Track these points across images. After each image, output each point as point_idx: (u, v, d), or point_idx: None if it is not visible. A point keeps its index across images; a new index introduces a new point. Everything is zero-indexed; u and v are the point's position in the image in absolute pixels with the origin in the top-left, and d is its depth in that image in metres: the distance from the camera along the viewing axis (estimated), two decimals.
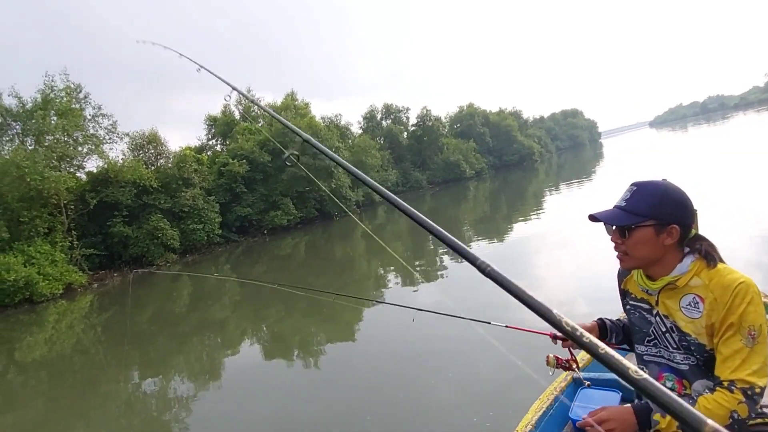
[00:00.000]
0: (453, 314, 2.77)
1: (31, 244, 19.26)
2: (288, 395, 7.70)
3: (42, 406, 9.56)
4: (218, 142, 36.51)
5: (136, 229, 23.67)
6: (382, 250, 22.27)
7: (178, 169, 25.11)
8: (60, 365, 12.45)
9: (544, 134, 79.12)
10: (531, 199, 29.93)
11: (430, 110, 52.02)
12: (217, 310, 15.80)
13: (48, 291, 18.28)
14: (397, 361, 8.13)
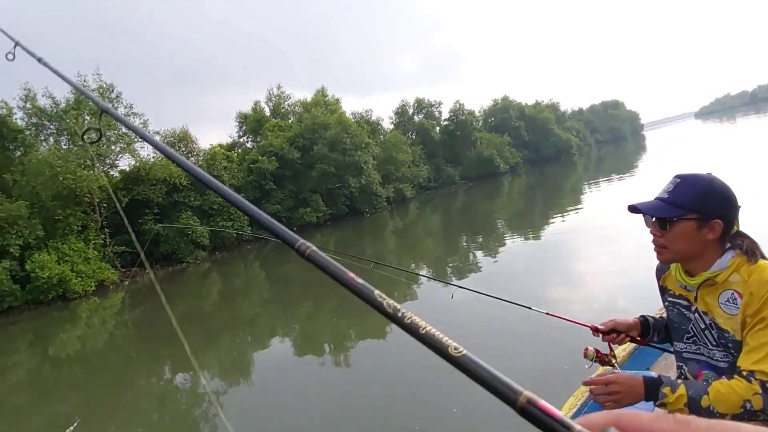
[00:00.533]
0: (496, 296, 2.70)
1: (66, 242, 19.77)
2: (318, 393, 7.70)
3: (76, 400, 9.87)
4: (249, 140, 36.81)
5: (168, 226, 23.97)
6: (413, 246, 22.22)
7: (207, 166, 25.37)
8: (93, 360, 12.72)
9: (583, 127, 77.01)
10: (569, 194, 29.23)
11: (463, 104, 51.29)
12: (247, 307, 15.93)
13: (80, 288, 18.71)
14: (428, 360, 8.02)
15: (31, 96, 20.92)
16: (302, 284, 18.12)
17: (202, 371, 9.99)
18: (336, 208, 31.98)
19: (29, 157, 19.19)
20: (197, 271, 23.67)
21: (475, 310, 10.06)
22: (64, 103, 21.07)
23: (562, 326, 2.88)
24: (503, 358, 7.55)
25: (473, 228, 23.45)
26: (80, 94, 20.90)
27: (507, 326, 8.62)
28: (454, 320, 9.54)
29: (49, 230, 19.81)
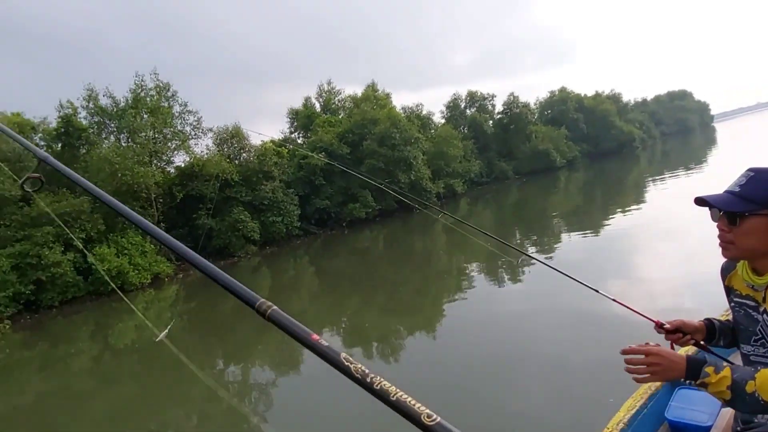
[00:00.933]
0: (562, 271, 2.64)
1: (124, 236, 20.71)
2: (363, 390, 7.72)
3: (133, 388, 10.44)
4: (300, 135, 37.38)
5: (219, 221, 24.69)
6: (463, 243, 21.85)
7: (258, 162, 25.94)
8: (149, 351, 13.11)
9: (647, 118, 73.40)
10: (630, 189, 28.37)
11: (517, 97, 49.93)
12: (296, 301, 16.10)
13: (137, 280, 19.58)
14: (480, 357, 8.01)
15: (94, 96, 22.10)
16: (351, 280, 18.41)
17: (253, 363, 10.59)
18: (385, 203, 31.88)
19: (90, 154, 20.27)
20: (248, 265, 24.23)
21: (544, 287, 10.79)
22: (124, 103, 22.10)
23: (625, 317, 2.89)
24: (562, 341, 7.74)
25: (527, 224, 23.04)
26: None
27: (571, 307, 9.04)
28: (525, 291, 10.58)
29: (110, 224, 20.81)
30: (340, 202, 30.19)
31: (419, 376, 7.93)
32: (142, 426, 8.28)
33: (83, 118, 22.76)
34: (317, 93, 38.73)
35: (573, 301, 9.51)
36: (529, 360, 7.56)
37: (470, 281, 14.26)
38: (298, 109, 37.37)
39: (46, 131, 22.96)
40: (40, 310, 18.20)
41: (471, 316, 10.76)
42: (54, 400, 10.46)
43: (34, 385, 11.94)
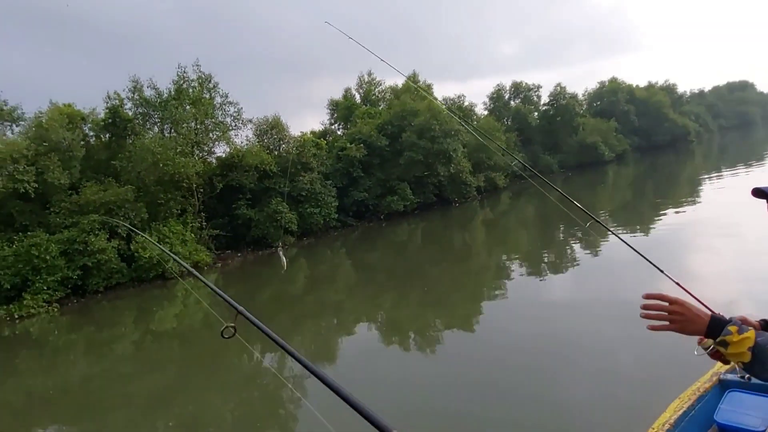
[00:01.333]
0: (639, 251, 2.59)
1: (166, 224, 21.37)
2: (399, 381, 7.85)
3: (174, 372, 10.97)
4: (339, 127, 37.59)
5: (258, 212, 25.05)
6: (503, 238, 21.72)
7: (297, 153, 26.24)
8: (189, 336, 13.89)
9: (704, 111, 70.05)
10: (684, 185, 27.64)
11: (564, 87, 48.53)
12: (332, 293, 16.44)
13: (177, 269, 20.16)
14: (519, 354, 7.98)
15: (138, 87, 22.79)
16: (388, 273, 18.47)
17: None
18: (424, 196, 31.63)
19: (133, 144, 20.99)
20: (287, 255, 24.52)
21: (588, 284, 11.35)
22: (167, 94, 22.77)
23: (698, 295, 2.72)
24: (607, 339, 7.80)
25: (571, 220, 22.20)
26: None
27: (617, 304, 9.09)
28: (568, 288, 10.74)
29: (152, 213, 21.51)
30: (378, 195, 30.14)
31: (455, 370, 7.94)
32: (183, 410, 8.62)
33: (129, 109, 23.58)
34: (357, 84, 38.94)
35: (618, 298, 9.60)
36: (572, 357, 7.46)
37: (510, 277, 14.17)
38: (338, 101, 37.57)
39: (95, 121, 23.86)
40: (86, 294, 19.01)
41: (511, 311, 10.76)
42: (98, 381, 10.96)
43: (80, 366, 12.57)
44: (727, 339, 1.44)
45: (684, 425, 2.82)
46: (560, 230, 20.17)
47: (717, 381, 3.35)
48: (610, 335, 7.95)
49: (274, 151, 27.09)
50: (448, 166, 30.69)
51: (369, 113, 33.88)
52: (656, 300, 1.51)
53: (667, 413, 2.87)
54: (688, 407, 2.91)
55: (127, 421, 8.37)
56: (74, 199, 19.58)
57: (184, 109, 22.15)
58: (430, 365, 8.51)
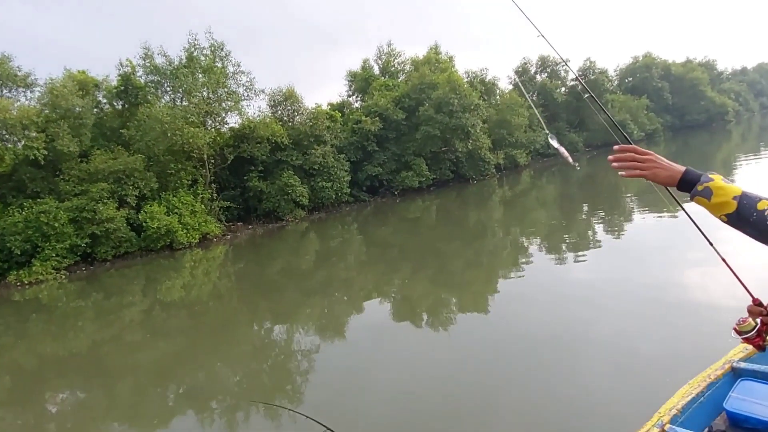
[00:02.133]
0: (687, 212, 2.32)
1: (176, 195, 21.62)
2: (408, 360, 7.87)
3: (182, 341, 11.07)
4: (357, 99, 37.26)
5: (270, 184, 25.15)
6: (522, 217, 21.49)
7: (310, 126, 26.22)
8: (197, 307, 14.06)
9: (746, 89, 67.41)
10: (718, 167, 26.39)
11: (594, 62, 47.18)
12: (342, 269, 16.53)
13: (185, 240, 20.42)
14: (533, 336, 7.94)
15: (149, 54, 22.78)
16: (401, 249, 18.42)
17: (298, 326, 10.94)
18: (440, 173, 31.32)
19: (141, 113, 21.18)
20: (296, 229, 24.67)
21: (605, 267, 11.28)
22: (177, 62, 22.76)
23: (723, 282, 2.82)
24: (623, 328, 7.64)
25: (595, 201, 22.14)
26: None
27: (636, 290, 9.16)
28: (586, 270, 10.74)
29: (163, 183, 21.77)
30: (393, 170, 29.92)
31: (466, 351, 7.92)
32: (190, 379, 8.79)
33: (141, 76, 23.74)
34: (376, 55, 38.25)
35: (638, 284, 9.57)
36: (587, 342, 7.43)
37: (527, 257, 14.03)
38: (356, 72, 37.13)
39: (108, 89, 24.12)
40: (94, 262, 19.45)
41: (526, 294, 10.61)
42: (106, 347, 11.29)
43: (88, 333, 12.85)
44: (711, 186, 1.41)
45: (692, 411, 2.86)
46: (582, 212, 19.88)
47: (729, 368, 3.36)
48: (628, 321, 7.88)
49: (288, 123, 27.08)
50: (466, 142, 30.27)
51: (386, 85, 33.40)
52: (628, 152, 1.53)
53: (675, 398, 2.91)
54: (697, 393, 2.94)
55: (135, 388, 8.61)
56: (84, 167, 19.89)
57: (195, 77, 22.17)
58: (440, 345, 8.46)
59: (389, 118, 29.86)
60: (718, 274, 9.61)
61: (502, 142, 35.14)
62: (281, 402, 7.12)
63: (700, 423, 3.03)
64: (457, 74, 32.99)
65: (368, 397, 6.80)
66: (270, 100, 27.17)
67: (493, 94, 39.27)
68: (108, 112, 24.54)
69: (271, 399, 7.29)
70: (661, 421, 2.91)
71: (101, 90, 24.32)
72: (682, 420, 2.93)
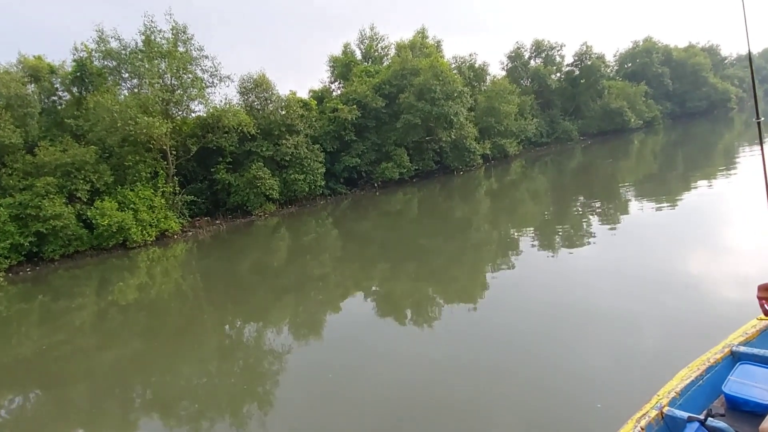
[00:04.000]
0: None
1: (134, 189, 20.58)
2: (396, 362, 7.53)
3: (140, 345, 10.53)
4: (340, 86, 36.22)
5: (238, 177, 24.21)
6: (511, 209, 20.83)
7: (281, 115, 25.23)
8: (158, 308, 13.49)
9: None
10: (720, 156, 26.32)
11: (590, 46, 46.06)
12: (316, 266, 15.84)
13: (140, 237, 19.52)
14: (522, 337, 7.83)
15: (104, 38, 21.60)
16: (381, 244, 17.86)
17: (269, 326, 10.60)
18: (423, 163, 30.40)
19: (88, 102, 20.19)
20: (266, 225, 23.90)
21: (597, 264, 10.94)
22: (134, 46, 21.60)
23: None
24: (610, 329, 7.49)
25: (590, 192, 21.70)
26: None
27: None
28: (578, 268, 10.51)
29: (120, 176, 20.80)
30: (373, 161, 28.95)
31: (451, 348, 7.73)
32: (148, 384, 8.40)
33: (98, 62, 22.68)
34: (358, 39, 37.11)
35: (637, 271, 9.61)
36: (576, 345, 7.24)
37: (515, 251, 13.52)
38: (338, 57, 36.07)
39: (63, 75, 23.14)
40: (41, 262, 18.53)
41: (513, 290, 10.31)
42: (56, 353, 10.65)
43: (34, 338, 12.08)
44: None
45: (690, 394, 2.93)
46: (576, 203, 19.37)
47: (729, 353, 3.46)
48: (626, 306, 7.98)
49: (260, 112, 26.15)
50: (450, 131, 29.39)
51: (367, 71, 32.41)
52: None
53: (674, 381, 2.99)
54: (696, 376, 3.00)
55: (91, 395, 8.17)
56: (29, 159, 18.89)
57: (153, 63, 21.14)
58: (425, 343, 8.20)
59: (368, 106, 28.85)
60: (717, 263, 9.65)
61: (490, 130, 34.25)
62: (251, 407, 6.93)
63: (699, 406, 3.13)
64: (441, 60, 32.04)
65: (345, 402, 6.61)
66: (240, 87, 26.22)
67: (483, 80, 38.29)
68: (67, 100, 23.54)
69: (239, 404, 7.08)
70: (659, 403, 3.03)
71: (57, 76, 23.32)
72: (681, 403, 3.05)
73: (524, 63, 46.04)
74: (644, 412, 3.04)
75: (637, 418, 3.09)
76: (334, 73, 36.17)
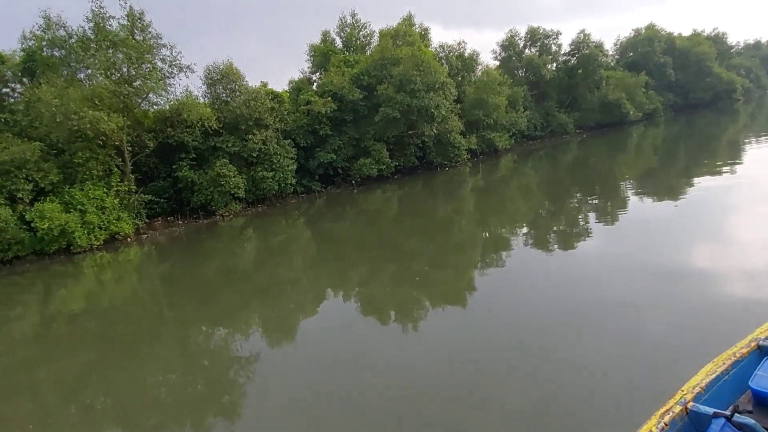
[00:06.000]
0: None
1: (83, 188, 19.49)
2: (375, 372, 7.14)
3: (90, 356, 9.90)
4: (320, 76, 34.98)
5: (202, 174, 23.18)
6: (499, 208, 19.93)
7: (246, 107, 24.13)
8: (111, 316, 12.69)
9: (758, 65, 65.20)
10: (724, 149, 25.53)
11: (588, 35, 44.59)
12: (286, 268, 15.21)
13: (86, 242, 18.48)
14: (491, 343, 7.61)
15: (51, 25, 20.33)
16: (358, 245, 17.04)
17: (235, 335, 10.03)
18: (404, 159, 29.26)
19: (24, 95, 19.09)
20: (231, 225, 22.99)
21: (580, 272, 10.34)
22: (81, 33, 20.29)
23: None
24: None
25: (586, 187, 20.98)
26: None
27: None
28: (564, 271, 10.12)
29: (69, 175, 19.78)
30: (350, 157, 27.79)
31: (436, 353, 7.42)
32: (101, 396, 7.96)
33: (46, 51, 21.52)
34: (339, 26, 35.68)
35: (645, 266, 9.34)
36: (557, 359, 6.77)
37: (503, 251, 13.03)
38: (317, 45, 34.82)
39: (11, 66, 22.03)
40: None
41: (494, 295, 9.78)
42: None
43: None
44: None
45: (716, 389, 2.93)
46: (575, 199, 18.74)
47: (755, 347, 3.43)
48: (636, 301, 7.81)
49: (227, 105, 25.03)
50: (432, 125, 28.27)
51: (347, 61, 31.27)
52: None
53: (699, 376, 2.99)
54: (722, 371, 3.00)
55: (36, 410, 7.66)
56: None
57: (103, 52, 19.99)
58: (406, 348, 7.81)
59: (345, 98, 27.61)
60: (729, 257, 9.33)
61: (479, 124, 33.12)
62: (215, 420, 6.61)
63: (725, 401, 3.10)
64: (425, 49, 30.86)
65: (317, 411, 6.29)
66: (206, 78, 25.15)
67: (473, 71, 37.04)
68: (24, 93, 22.36)
69: (203, 416, 6.76)
70: (684, 399, 3.06)
71: (7, 68, 22.21)
72: (706, 398, 3.04)
73: (518, 52, 44.79)
74: (668, 408, 3.09)
75: (661, 413, 3.11)
76: (314, 63, 35.00)
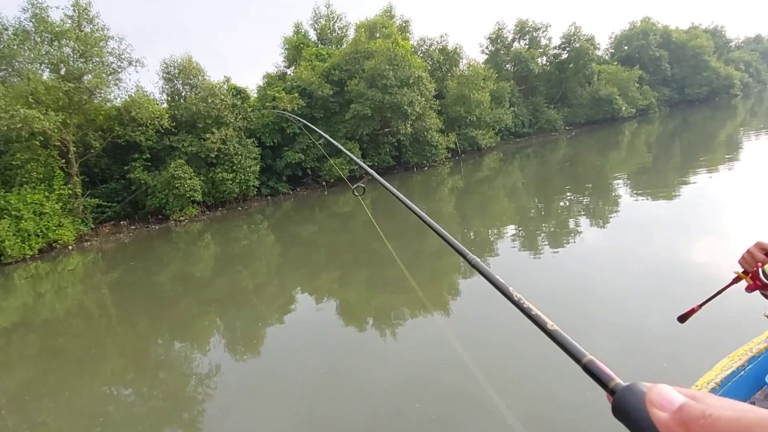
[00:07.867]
0: None
1: (20, 192, 18.40)
2: (339, 387, 6.83)
3: (26, 374, 9.33)
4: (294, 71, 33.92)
5: (157, 176, 22.18)
6: (483, 210, 19.09)
7: (204, 104, 23.03)
8: (54, 329, 12.11)
9: (757, 59, 64.42)
10: (721, 146, 24.96)
11: (579, 27, 43.80)
12: (249, 276, 14.60)
13: (18, 251, 17.42)
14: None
15: None
16: (327, 251, 16.24)
17: (192, 345, 9.65)
18: (379, 159, 28.19)
19: None
20: (187, 230, 21.93)
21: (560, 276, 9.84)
22: (17, 25, 19.18)
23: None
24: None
25: (575, 186, 20.14)
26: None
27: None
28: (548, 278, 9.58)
29: (8, 178, 18.81)
30: (320, 156, 26.85)
31: (417, 368, 6.97)
32: (36, 418, 7.38)
33: None
34: (313, 18, 34.51)
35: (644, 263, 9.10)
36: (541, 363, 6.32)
37: (488, 253, 12.54)
38: (290, 38, 33.56)
39: None
40: None
41: (482, 297, 8.97)
42: None
43: None
44: None
45: (731, 385, 2.80)
46: (565, 198, 18.12)
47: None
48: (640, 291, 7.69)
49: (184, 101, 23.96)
50: (406, 122, 27.21)
51: (318, 54, 30.19)
52: None
53: (714, 372, 2.85)
54: (738, 367, 2.86)
55: None
56: None
57: (38, 45, 18.88)
58: (383, 360, 7.45)
59: (315, 94, 26.53)
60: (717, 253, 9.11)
61: (460, 121, 32.08)
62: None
63: (740, 397, 2.85)
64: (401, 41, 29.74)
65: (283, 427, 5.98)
66: (164, 73, 24.06)
67: (456, 65, 35.95)
68: None
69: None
70: None
71: None
72: (721, 394, 2.78)
73: (507, 46, 43.80)
74: None
75: None
76: (287, 57, 33.88)
